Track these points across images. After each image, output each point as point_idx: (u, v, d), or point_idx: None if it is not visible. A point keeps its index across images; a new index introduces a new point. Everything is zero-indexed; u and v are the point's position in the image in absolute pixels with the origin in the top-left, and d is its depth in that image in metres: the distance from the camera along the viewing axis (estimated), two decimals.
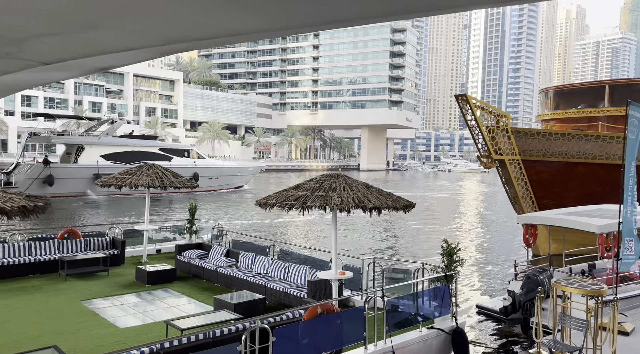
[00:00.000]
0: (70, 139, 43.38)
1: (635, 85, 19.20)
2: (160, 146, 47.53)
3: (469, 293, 13.71)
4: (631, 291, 10.75)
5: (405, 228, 27.22)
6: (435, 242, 22.09)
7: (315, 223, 27.85)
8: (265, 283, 9.31)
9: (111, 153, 41.92)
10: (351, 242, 21.95)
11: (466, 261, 18.23)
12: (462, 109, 16.58)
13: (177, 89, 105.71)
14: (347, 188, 7.05)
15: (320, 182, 7.26)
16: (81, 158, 41.16)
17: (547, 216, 11.54)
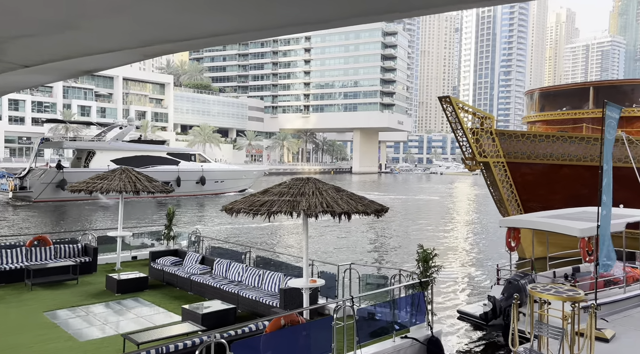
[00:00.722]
0: (81, 144, 44.43)
1: (620, 86, 19.16)
2: (168, 150, 48.52)
3: (452, 296, 13.48)
4: (614, 296, 10.55)
5: (400, 231, 27.00)
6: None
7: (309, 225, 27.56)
8: (238, 291, 9.01)
9: (121, 158, 42.59)
10: (341, 245, 21.66)
11: (451, 264, 18.05)
12: (445, 111, 16.41)
13: (167, 92, 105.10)
14: (316, 192, 6.78)
15: (289, 187, 7.00)
16: (92, 163, 42.00)
17: (528, 219, 11.35)
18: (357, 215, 6.81)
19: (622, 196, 16.31)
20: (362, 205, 6.90)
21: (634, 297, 10.67)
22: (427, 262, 7.88)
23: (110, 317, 8.45)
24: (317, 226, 27.45)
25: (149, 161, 44.45)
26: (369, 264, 14.47)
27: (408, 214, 36.73)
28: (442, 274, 16.48)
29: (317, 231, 25.18)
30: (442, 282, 15.13)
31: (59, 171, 38.58)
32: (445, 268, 17.55)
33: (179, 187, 45.01)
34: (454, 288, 14.64)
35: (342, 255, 19.07)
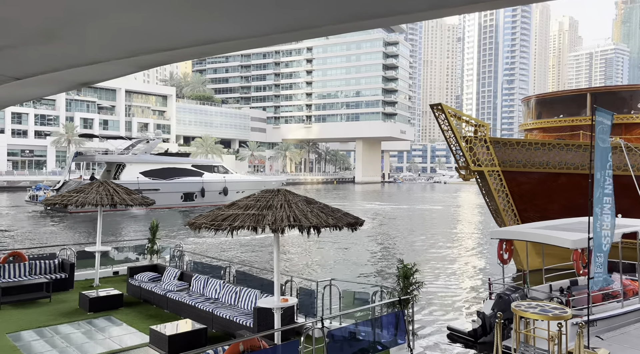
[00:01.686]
0: (112, 157, 46.63)
1: (618, 92, 18.73)
2: (193, 162, 50.85)
3: (443, 311, 12.97)
4: (611, 311, 10.04)
5: (401, 242, 26.49)
6: (416, 258, 21.35)
7: (310, 237, 27.10)
8: (213, 310, 8.59)
9: (150, 170, 44.98)
10: (338, 258, 21.19)
11: (448, 277, 17.51)
12: (438, 119, 16.06)
13: (169, 104, 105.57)
14: (284, 205, 6.40)
15: (257, 199, 6.62)
16: (123, 175, 43.84)
17: (520, 231, 10.90)
18: (328, 229, 6.41)
19: (622, 205, 15.82)
20: (334, 218, 6.50)
21: (632, 312, 10.15)
22: (408, 279, 7.44)
23: (76, 339, 8.04)
24: (319, 239, 27.03)
25: (176, 172, 46.50)
26: (353, 279, 13.90)
27: (410, 225, 36.23)
28: (437, 285, 16.05)
29: (317, 244, 24.76)
30: (435, 295, 14.64)
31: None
32: (442, 280, 17.04)
33: (203, 198, 47.26)
34: (448, 301, 14.14)
35: (340, 268, 18.65)
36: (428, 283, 16.46)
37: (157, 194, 43.11)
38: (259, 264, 19.04)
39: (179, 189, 46.92)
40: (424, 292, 14.88)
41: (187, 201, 46.89)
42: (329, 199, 63.72)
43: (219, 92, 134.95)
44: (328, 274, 16.60)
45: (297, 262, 19.74)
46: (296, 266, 18.83)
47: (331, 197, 69.83)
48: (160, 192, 43.91)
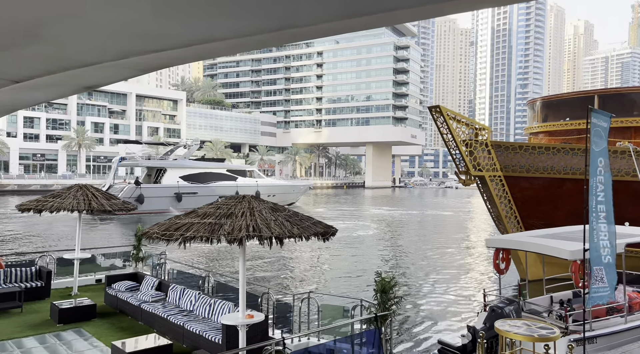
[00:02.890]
0: (154, 162, 49.10)
1: (627, 94, 17.92)
2: (227, 167, 53.44)
3: (437, 323, 12.34)
4: (613, 326, 9.33)
5: (407, 249, 25.84)
6: (418, 266, 20.69)
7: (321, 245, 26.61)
8: (184, 324, 8.11)
9: (188, 174, 47.51)
10: (341, 267, 20.64)
11: (449, 285, 16.82)
12: (436, 122, 15.47)
13: (180, 108, 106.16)
14: (246, 213, 5.91)
15: (217, 207, 6.15)
16: (164, 179, 46.49)
17: (516, 240, 10.26)
18: (292, 239, 5.91)
19: (632, 213, 15.03)
20: (300, 228, 5.99)
21: (637, 328, 9.43)
22: (386, 293, 6.89)
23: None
24: (318, 246, 26.53)
25: (212, 177, 49.01)
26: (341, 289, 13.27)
27: (417, 231, 35.52)
28: (434, 295, 15.37)
29: (331, 251, 24.24)
30: (431, 305, 14.01)
31: (137, 186, 43.39)
32: (440, 290, 16.39)
33: None
34: (443, 313, 13.50)
35: (329, 278, 18.10)
36: (425, 292, 15.82)
37: (195, 197, 45.66)
38: (255, 273, 18.59)
39: (216, 193, 48.35)
40: (419, 302, 14.26)
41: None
42: (337, 204, 63.17)
43: (230, 97, 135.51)
44: (315, 285, 16.08)
45: (283, 272, 18.95)
46: (282, 276, 18.10)
47: (339, 202, 69.21)
48: (199, 196, 46.09)
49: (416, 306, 13.81)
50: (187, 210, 19.58)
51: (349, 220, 41.60)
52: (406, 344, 10.68)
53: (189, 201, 44.78)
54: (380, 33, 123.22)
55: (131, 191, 42.75)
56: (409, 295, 15.13)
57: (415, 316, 12.72)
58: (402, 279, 17.77)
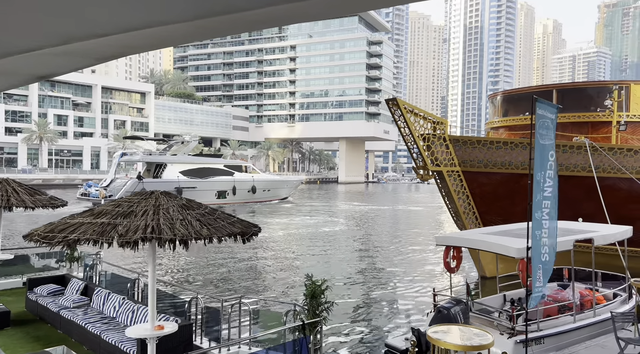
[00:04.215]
0: (153, 158, 50.08)
1: (584, 89, 17.91)
2: (225, 163, 54.71)
3: (385, 325, 11.92)
4: (562, 326, 9.06)
5: (359, 246, 25.45)
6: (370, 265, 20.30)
7: (289, 243, 25.93)
8: (101, 333, 7.37)
9: (188, 169, 49.00)
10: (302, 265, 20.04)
11: (403, 286, 16.35)
12: (394, 116, 15.03)
13: (148, 101, 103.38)
14: (148, 212, 5.24)
15: (117, 204, 5.44)
16: (164, 174, 47.71)
17: (464, 237, 9.90)
18: (201, 241, 5.27)
19: (586, 209, 14.97)
20: (211, 228, 5.36)
21: (586, 326, 9.19)
22: (316, 298, 6.34)
23: None
24: (294, 242, 25.91)
25: (210, 172, 50.43)
26: (260, 298, 12.31)
27: (383, 227, 35.30)
28: (386, 295, 14.84)
29: (293, 248, 23.61)
30: (381, 305, 13.59)
31: (140, 181, 44.57)
32: (394, 289, 16.02)
33: (235, 196, 51.62)
34: (394, 314, 13.09)
35: (273, 279, 17.50)
36: (376, 292, 15.39)
37: (195, 191, 47.20)
38: (191, 275, 17.82)
39: (214, 188, 50.48)
40: (368, 303, 13.75)
41: (220, 199, 50.77)
42: (309, 200, 62.66)
43: (201, 90, 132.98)
44: (262, 287, 15.46)
45: (225, 273, 17.65)
46: (222, 278, 16.91)
47: (311, 197, 68.68)
48: (198, 190, 47.85)
49: (364, 307, 13.36)
50: None
51: (318, 216, 41.16)
52: (349, 348, 10.21)
53: (189, 195, 46.91)
54: (353, 28, 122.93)
55: (134, 185, 44.01)
56: (357, 295, 14.66)
57: (362, 317, 12.27)
58: (354, 277, 17.36)
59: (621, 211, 15.65)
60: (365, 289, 15.40)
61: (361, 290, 15.21)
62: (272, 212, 44.38)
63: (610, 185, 15.36)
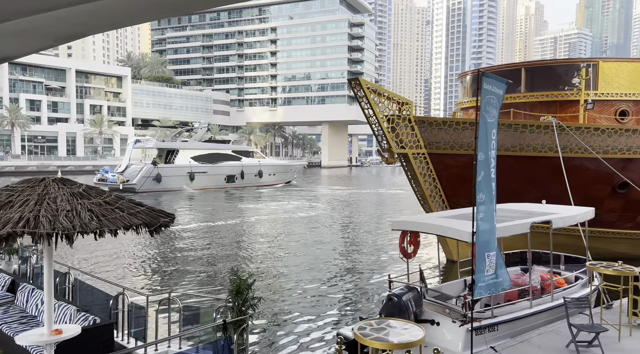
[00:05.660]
0: (166, 144, 51.49)
1: (553, 67, 17.50)
2: (233, 148, 56.96)
3: (340, 314, 11.51)
4: (518, 311, 8.70)
5: (327, 232, 25.03)
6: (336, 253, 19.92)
7: (264, 229, 25.34)
8: (13, 335, 6.73)
9: (198, 155, 50.99)
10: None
11: (359, 272, 15.80)
12: (357, 96, 14.43)
13: (125, 85, 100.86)
14: (30, 202, 4.59)
15: None
16: (177, 160, 49.67)
17: (419, 221, 9.44)
18: (82, 236, 4.61)
19: (552, 190, 14.68)
20: (105, 220, 4.73)
21: (542, 312, 8.86)
22: (241, 294, 5.79)
23: None
24: (269, 228, 25.37)
25: (219, 157, 52.71)
26: (192, 294, 11.14)
27: (358, 211, 34.96)
28: (346, 281, 14.19)
29: (268, 235, 23.01)
30: (337, 293, 13.17)
31: (155, 167, 46.61)
32: (356, 275, 15.62)
33: (243, 180, 54.11)
34: (353, 303, 12.69)
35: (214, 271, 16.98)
36: (340, 279, 14.98)
37: (206, 176, 50.43)
38: (125, 267, 17.18)
39: (223, 172, 52.74)
40: (327, 290, 13.23)
41: (229, 183, 53.32)
42: (306, 184, 62.11)
43: (180, 74, 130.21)
44: (207, 279, 14.90)
45: (174, 265, 16.54)
46: (169, 270, 15.78)
47: (292, 182, 68.07)
48: (208, 175, 50.67)
49: (322, 296, 12.90)
50: (199, 188, 39.29)
51: (296, 200, 40.67)
52: (298, 339, 9.76)
53: (201, 179, 49.67)
54: (334, 9, 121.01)
55: (150, 171, 46.10)
56: (316, 283, 14.20)
57: (316, 306, 11.83)
58: (318, 265, 16.92)
59: (588, 192, 15.43)
60: (327, 277, 14.96)
61: (322, 278, 14.77)
62: (253, 197, 43.75)
63: (578, 165, 15.08)
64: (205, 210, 33.49)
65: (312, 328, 10.21)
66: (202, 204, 37.70)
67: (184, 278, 14.30)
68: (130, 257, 17.34)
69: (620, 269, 7.70)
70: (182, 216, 29.53)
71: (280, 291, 13.24)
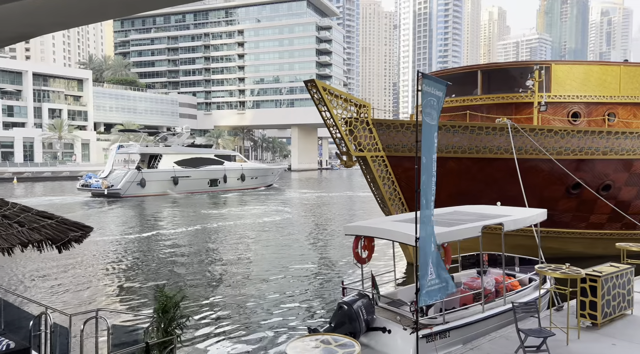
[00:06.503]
0: (149, 149, 51.93)
1: (509, 69, 17.74)
2: (215, 153, 57.09)
3: (294, 323, 11.16)
4: (470, 316, 8.54)
5: (286, 240, 24.64)
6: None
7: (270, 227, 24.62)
8: None
9: (181, 160, 51.52)
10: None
11: (315, 279, 15.42)
12: (313, 98, 14.14)
13: (86, 88, 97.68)
14: None
15: None
16: (160, 164, 50.00)
17: (370, 226, 9.22)
18: None
19: (509, 192, 14.78)
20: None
21: (494, 316, 8.74)
22: (167, 313, 5.34)
23: None
24: (232, 235, 24.70)
25: (202, 162, 53.12)
26: (122, 310, 10.78)
27: (328, 214, 34.71)
28: (299, 292, 13.51)
29: (229, 242, 22.34)
30: (300, 299, 12.81)
31: (139, 171, 47.05)
32: (307, 283, 15.31)
33: (226, 183, 54.46)
34: (305, 310, 12.36)
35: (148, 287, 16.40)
36: (294, 287, 14.60)
37: (189, 180, 50.93)
38: (54, 281, 16.41)
39: (207, 176, 53.24)
40: (282, 299, 12.67)
41: (212, 186, 53.65)
42: (287, 188, 61.31)
43: (145, 77, 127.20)
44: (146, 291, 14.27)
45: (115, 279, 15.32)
46: (112, 284, 14.67)
47: (286, 185, 67.28)
48: (192, 179, 51.20)
49: (274, 306, 12.52)
50: (183, 192, 47.79)
51: (263, 205, 40.09)
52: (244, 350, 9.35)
53: (184, 183, 50.26)
54: (301, 12, 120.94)
55: (134, 176, 46.45)
56: (271, 292, 13.79)
57: (266, 319, 11.41)
58: (274, 272, 16.53)
59: (543, 193, 15.63)
60: (283, 286, 14.57)
61: (278, 287, 14.37)
62: (221, 203, 42.87)
63: (533, 166, 15.25)
64: (169, 216, 32.55)
65: (258, 345, 9.79)
66: (175, 209, 36.67)
67: (122, 293, 13.42)
68: (66, 271, 16.43)
69: (567, 271, 7.65)
70: (145, 225, 28.54)
71: (229, 304, 12.76)
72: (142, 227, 26.97)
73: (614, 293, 8.38)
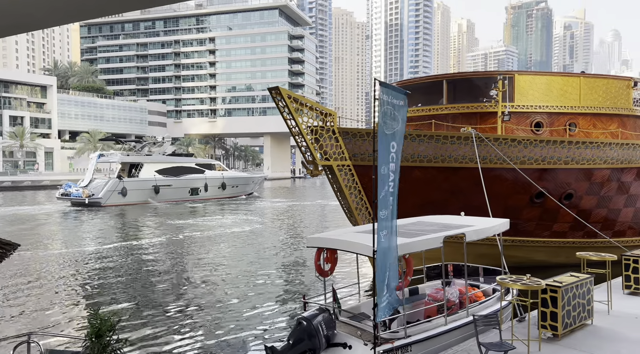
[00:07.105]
0: (130, 158, 51.30)
1: (474, 79, 17.96)
2: (196, 162, 57.34)
3: (250, 340, 10.76)
4: (433, 329, 8.36)
5: (249, 252, 24.17)
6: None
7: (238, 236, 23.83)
8: None
9: (163, 168, 51.40)
10: None
11: (276, 293, 14.95)
12: (278, 106, 13.86)
13: (50, 95, 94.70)
14: None
15: None
16: (141, 173, 49.72)
17: (331, 238, 8.95)
18: None
19: (473, 201, 14.82)
20: None
21: (456, 329, 8.59)
22: (103, 337, 4.92)
23: None
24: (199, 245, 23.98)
25: (183, 170, 53.31)
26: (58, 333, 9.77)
27: (298, 223, 34.33)
28: (257, 306, 12.80)
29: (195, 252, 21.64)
30: (249, 320, 12.40)
31: (120, 180, 46.88)
32: (267, 296, 14.94)
33: (207, 192, 54.39)
34: (269, 324, 11.97)
35: None
36: (248, 301, 14.19)
37: (170, 189, 50.76)
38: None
39: (187, 185, 53.27)
40: (237, 315, 12.02)
41: (193, 195, 53.62)
42: (269, 196, 60.47)
43: (113, 84, 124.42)
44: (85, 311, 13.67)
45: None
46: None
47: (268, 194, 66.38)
48: (173, 188, 51.11)
49: (232, 321, 12.10)
50: (164, 201, 48.67)
51: (233, 215, 39.39)
52: None
53: (166, 192, 50.16)
54: (273, 21, 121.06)
55: (115, 185, 46.19)
56: (225, 309, 13.35)
57: (223, 336, 11.00)
58: (237, 285, 16.08)
59: (508, 202, 15.76)
60: (241, 301, 14.09)
61: (236, 302, 13.89)
62: (197, 212, 41.88)
63: (497, 176, 15.36)
64: (142, 226, 31.50)
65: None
66: (150, 219, 35.54)
67: (65, 313, 12.50)
68: (5, 289, 15.57)
69: (528, 282, 7.56)
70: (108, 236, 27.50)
71: (184, 321, 12.24)
72: (110, 238, 25.98)
73: (574, 303, 8.35)
